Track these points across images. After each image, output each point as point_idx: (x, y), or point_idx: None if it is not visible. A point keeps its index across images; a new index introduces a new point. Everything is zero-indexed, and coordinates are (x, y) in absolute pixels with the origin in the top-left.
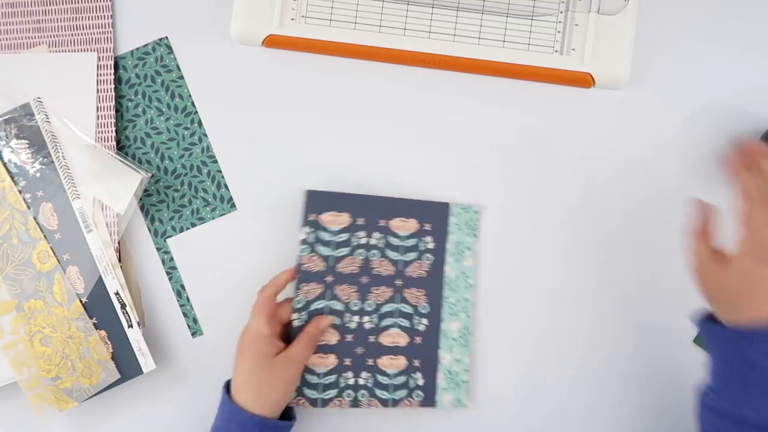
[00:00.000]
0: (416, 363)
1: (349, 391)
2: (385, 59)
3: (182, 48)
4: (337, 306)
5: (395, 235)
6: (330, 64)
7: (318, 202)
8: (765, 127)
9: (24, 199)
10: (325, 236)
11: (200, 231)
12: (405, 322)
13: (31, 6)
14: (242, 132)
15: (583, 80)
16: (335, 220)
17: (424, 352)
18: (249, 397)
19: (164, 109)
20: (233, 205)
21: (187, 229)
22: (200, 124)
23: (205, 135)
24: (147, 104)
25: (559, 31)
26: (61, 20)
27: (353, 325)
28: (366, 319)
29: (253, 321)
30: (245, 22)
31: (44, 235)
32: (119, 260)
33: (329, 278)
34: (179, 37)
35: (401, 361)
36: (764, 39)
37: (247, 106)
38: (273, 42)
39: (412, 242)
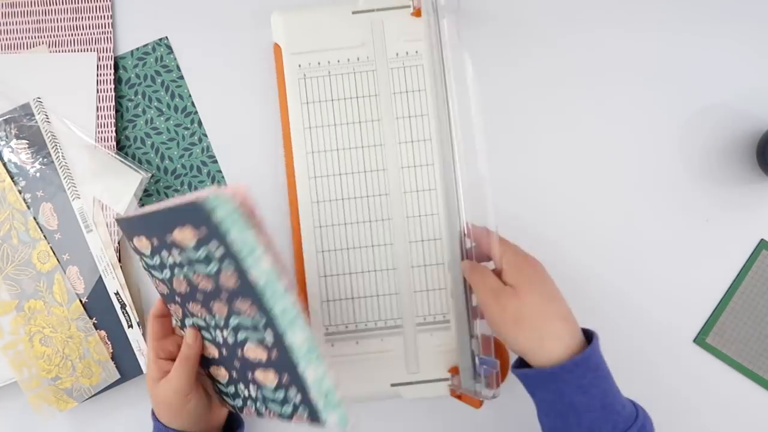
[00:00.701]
0: (285, 379)
1: (250, 402)
2: None
3: (182, 48)
4: (200, 322)
5: (186, 248)
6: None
7: (126, 228)
8: (765, 127)
9: (24, 199)
10: (148, 261)
11: None
12: (256, 335)
13: (31, 6)
14: (242, 132)
15: None
16: (143, 245)
17: (285, 367)
18: (158, 414)
19: (164, 109)
20: None
21: None
22: (200, 124)
23: (205, 135)
24: (147, 104)
25: None
26: (61, 20)
27: (220, 340)
28: (226, 332)
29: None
30: None
31: (44, 235)
32: (119, 260)
33: (177, 298)
34: (179, 37)
35: (271, 376)
36: (764, 39)
37: (247, 106)
38: None
39: (203, 252)
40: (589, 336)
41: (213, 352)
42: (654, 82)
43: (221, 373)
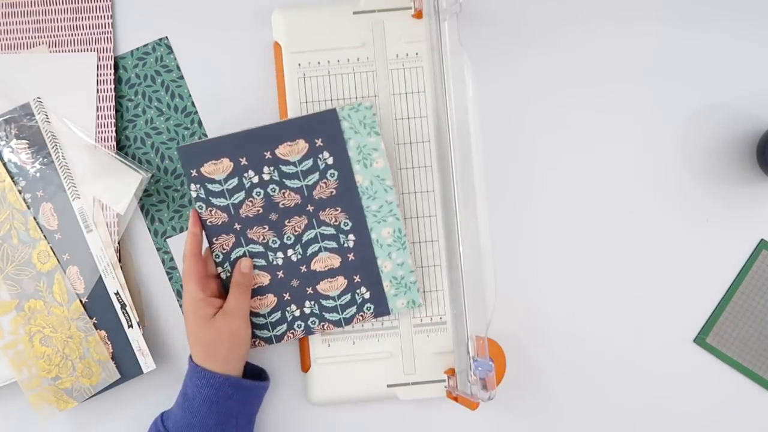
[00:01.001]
0: (356, 279)
1: (299, 322)
2: None
3: (182, 48)
4: (257, 248)
5: (286, 163)
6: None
7: (193, 155)
8: (765, 127)
9: (24, 199)
10: (215, 187)
11: None
12: (332, 244)
13: (31, 6)
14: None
15: None
16: (217, 169)
17: (361, 266)
18: (204, 359)
19: (164, 109)
20: None
21: (187, 229)
22: (200, 124)
23: (205, 135)
24: (147, 104)
25: None
26: (61, 20)
27: (280, 262)
28: (290, 252)
29: (185, 288)
30: None
31: (44, 235)
32: (119, 260)
33: (237, 226)
34: (179, 37)
35: (340, 282)
36: (764, 39)
37: (247, 106)
38: None
39: (307, 164)
40: None
41: (262, 280)
42: (654, 82)
43: (265, 302)
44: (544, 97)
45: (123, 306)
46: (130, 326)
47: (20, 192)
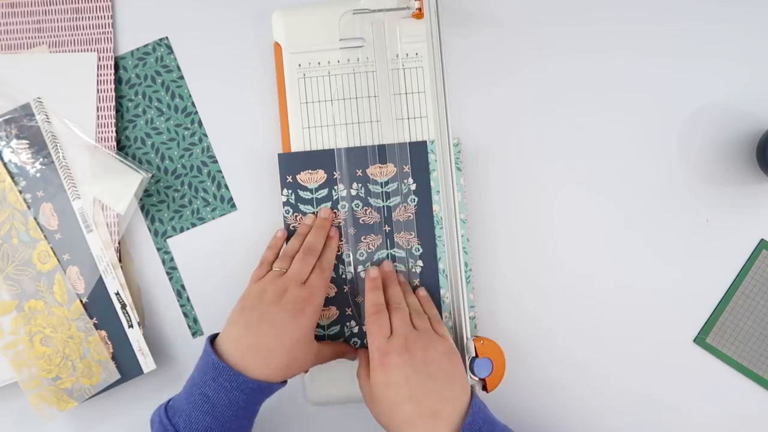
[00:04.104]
0: None
1: (355, 339)
2: None
3: (182, 48)
4: None
5: (374, 182)
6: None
7: (292, 163)
8: (765, 127)
9: (24, 199)
10: (306, 195)
11: (200, 231)
12: (400, 266)
13: (32, 6)
14: (242, 132)
15: None
16: (312, 178)
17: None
18: (248, 358)
19: (164, 110)
20: (233, 205)
21: (188, 229)
22: (200, 124)
23: (206, 135)
24: (147, 104)
25: None
26: (61, 20)
27: (349, 276)
28: (360, 268)
29: (309, 292)
30: None
31: (44, 236)
32: (119, 260)
33: None
34: (179, 37)
35: None
36: (765, 39)
37: (248, 106)
38: None
39: (392, 186)
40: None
41: (330, 291)
42: (654, 82)
43: (329, 314)
44: (543, 97)
45: (123, 306)
46: (131, 326)
47: (20, 192)
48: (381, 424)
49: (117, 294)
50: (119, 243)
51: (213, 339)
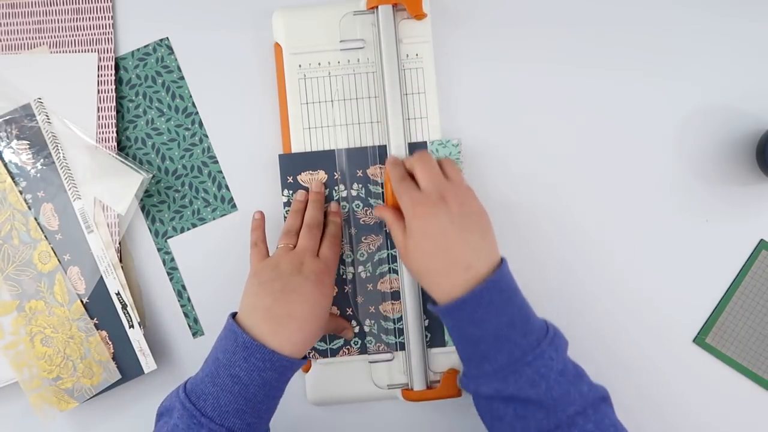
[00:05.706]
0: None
1: (356, 339)
2: None
3: (183, 49)
4: None
5: (375, 183)
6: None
7: (293, 164)
8: (765, 127)
9: (25, 200)
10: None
11: (201, 231)
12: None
13: (32, 6)
14: (243, 132)
15: None
16: (312, 178)
17: (425, 294)
18: (281, 333)
19: (165, 110)
20: (234, 206)
21: (188, 229)
22: (201, 124)
23: (206, 135)
24: (148, 105)
25: None
26: (61, 21)
27: (350, 276)
28: (360, 268)
29: (322, 265)
30: None
31: (45, 236)
32: (120, 261)
33: None
34: (180, 37)
35: (401, 306)
36: (765, 39)
37: (248, 107)
38: None
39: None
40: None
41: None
42: (653, 82)
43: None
44: (542, 95)
45: (124, 306)
46: (131, 326)
47: (21, 192)
48: (414, 275)
49: (118, 294)
50: (120, 243)
51: (233, 317)
